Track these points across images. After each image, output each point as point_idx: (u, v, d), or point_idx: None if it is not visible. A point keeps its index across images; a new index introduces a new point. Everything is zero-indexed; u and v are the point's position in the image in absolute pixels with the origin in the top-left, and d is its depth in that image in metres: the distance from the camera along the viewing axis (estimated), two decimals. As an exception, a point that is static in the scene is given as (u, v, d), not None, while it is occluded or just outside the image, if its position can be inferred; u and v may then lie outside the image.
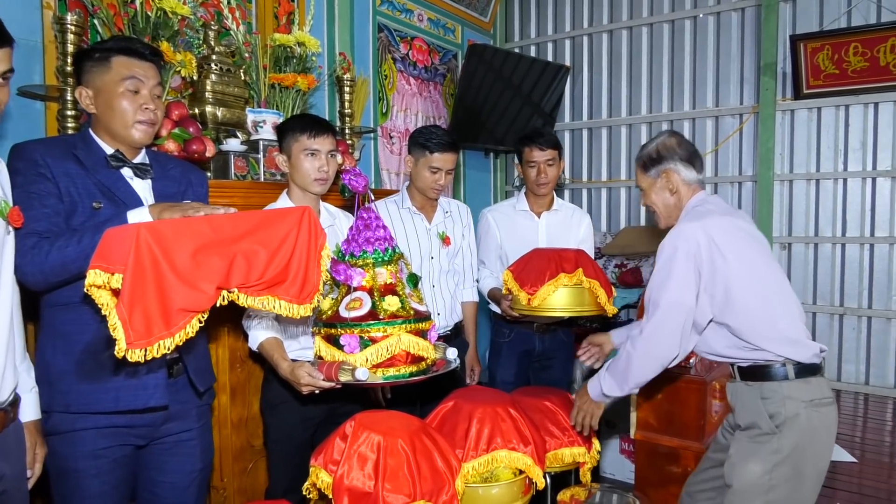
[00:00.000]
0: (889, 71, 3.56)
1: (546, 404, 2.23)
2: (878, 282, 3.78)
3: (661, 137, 2.02)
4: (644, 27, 4.53)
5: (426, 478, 1.61)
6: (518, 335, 2.81)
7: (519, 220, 2.87)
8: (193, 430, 1.79)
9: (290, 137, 2.06)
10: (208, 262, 1.38)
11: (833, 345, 3.92)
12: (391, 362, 1.77)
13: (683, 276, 1.78)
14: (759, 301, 1.80)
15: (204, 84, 2.41)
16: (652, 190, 2.01)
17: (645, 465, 2.57)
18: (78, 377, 1.58)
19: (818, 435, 1.78)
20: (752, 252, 1.84)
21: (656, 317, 1.81)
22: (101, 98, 1.62)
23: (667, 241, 1.85)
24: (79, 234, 1.49)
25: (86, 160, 1.61)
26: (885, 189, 3.75)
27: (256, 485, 2.36)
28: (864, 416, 3.38)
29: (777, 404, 1.77)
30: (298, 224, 1.54)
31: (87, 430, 1.59)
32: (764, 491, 1.75)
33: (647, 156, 2.01)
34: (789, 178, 3.99)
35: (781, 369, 1.79)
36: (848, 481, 2.50)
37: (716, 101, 4.28)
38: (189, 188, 1.82)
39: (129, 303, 1.27)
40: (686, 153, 1.96)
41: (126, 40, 1.69)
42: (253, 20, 3.03)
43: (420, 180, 2.51)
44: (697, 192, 1.97)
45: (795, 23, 3.92)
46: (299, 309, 1.53)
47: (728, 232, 1.81)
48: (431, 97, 4.38)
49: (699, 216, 1.84)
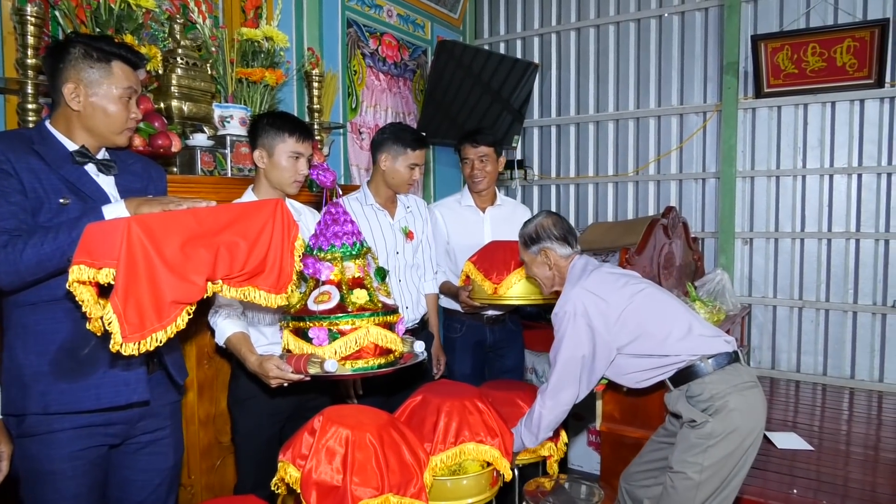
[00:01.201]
0: (845, 71, 3.67)
1: (514, 398, 2.27)
2: (836, 276, 3.90)
3: (539, 218, 2.24)
4: (611, 25, 4.58)
5: (394, 471, 1.63)
6: (469, 328, 2.87)
7: (465, 215, 2.95)
8: (167, 428, 1.78)
9: (274, 136, 2.05)
10: (196, 253, 1.39)
11: (792, 337, 4.03)
12: (359, 354, 1.79)
13: (574, 335, 2.03)
14: (651, 318, 2.05)
15: (169, 78, 2.38)
16: (533, 264, 2.24)
17: (610, 456, 2.62)
18: (55, 377, 1.54)
19: (746, 416, 1.95)
20: (625, 286, 2.09)
21: (555, 374, 2.07)
22: (94, 100, 1.60)
23: (557, 309, 2.10)
24: (53, 230, 1.46)
25: (47, 156, 1.57)
26: (841, 186, 3.86)
27: (224, 481, 2.35)
28: (822, 405, 3.48)
29: (706, 397, 1.96)
30: (273, 216, 1.59)
31: (65, 430, 1.57)
32: (699, 471, 1.92)
33: (527, 235, 2.23)
34: (751, 174, 4.09)
35: (701, 366, 1.99)
36: (806, 469, 2.57)
37: (680, 98, 4.36)
38: (150, 183, 1.80)
39: (123, 296, 1.27)
40: (560, 232, 2.19)
41: (125, 48, 1.67)
42: (220, 14, 2.99)
43: (396, 177, 2.53)
44: (573, 260, 2.20)
45: (756, 23, 4.00)
46: (276, 298, 1.58)
47: (600, 281, 2.09)
48: (401, 93, 4.37)
49: (575, 281, 2.11)
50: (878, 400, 3.54)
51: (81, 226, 1.40)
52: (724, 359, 2.01)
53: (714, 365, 1.98)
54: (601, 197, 4.70)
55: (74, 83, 1.58)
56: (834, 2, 3.76)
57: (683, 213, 4.09)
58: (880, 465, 2.64)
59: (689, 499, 1.93)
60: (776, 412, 3.29)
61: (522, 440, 2.11)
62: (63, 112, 1.62)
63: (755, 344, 4.14)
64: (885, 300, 3.76)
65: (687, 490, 1.93)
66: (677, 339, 2.02)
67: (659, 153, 4.41)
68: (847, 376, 3.88)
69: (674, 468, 1.97)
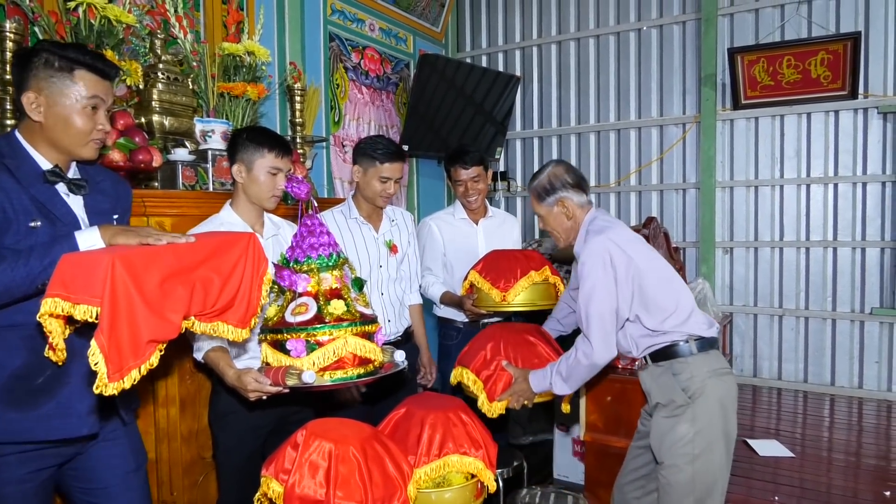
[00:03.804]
0: (820, 83, 3.74)
1: (528, 338, 2.36)
2: (814, 283, 3.96)
3: (549, 167, 2.18)
4: (591, 39, 4.65)
5: (378, 484, 1.62)
6: (465, 336, 2.88)
7: (459, 227, 3.00)
8: (119, 431, 1.72)
9: (254, 151, 2.05)
10: (174, 291, 1.39)
11: (773, 344, 4.08)
12: (339, 365, 1.78)
13: (605, 286, 1.97)
14: (663, 291, 2.01)
15: (150, 93, 2.37)
16: (550, 217, 2.17)
17: (594, 466, 2.63)
18: (6, 404, 1.49)
19: (723, 402, 1.98)
20: (646, 251, 2.06)
21: (596, 328, 1.99)
22: (55, 110, 1.52)
23: (583, 258, 2.02)
24: (24, 256, 1.40)
25: (18, 171, 1.50)
26: (818, 195, 3.93)
27: (207, 497, 2.32)
28: (804, 412, 3.52)
29: (687, 377, 1.97)
30: (245, 251, 1.60)
31: (14, 454, 1.52)
32: (690, 461, 1.93)
33: (540, 187, 2.16)
34: (730, 184, 4.15)
35: (685, 346, 2.00)
36: (789, 476, 2.59)
37: (660, 110, 4.42)
38: (118, 201, 1.75)
39: (108, 336, 1.25)
40: (574, 179, 2.13)
41: (91, 55, 1.57)
42: (201, 29, 3.00)
43: (369, 190, 2.53)
44: (589, 211, 2.15)
45: (733, 36, 4.08)
46: (241, 332, 1.59)
47: (626, 238, 2.03)
48: (384, 106, 4.39)
49: (600, 230, 2.03)
50: (858, 406, 3.59)
51: (54, 253, 1.36)
52: (708, 343, 2.02)
53: (697, 347, 1.99)
54: (584, 208, 4.73)
55: (35, 92, 1.51)
56: (808, 15, 3.84)
57: (665, 223, 4.15)
58: (861, 470, 2.67)
59: (687, 492, 1.94)
60: (759, 420, 3.32)
61: (551, 386, 2.10)
62: (28, 124, 1.55)
63: (737, 352, 4.18)
64: (863, 307, 3.82)
65: (683, 485, 1.94)
66: (679, 314, 2.00)
67: (640, 164, 4.46)
68: (827, 383, 3.93)
69: (665, 462, 1.97)
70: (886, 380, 3.78)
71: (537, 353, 2.30)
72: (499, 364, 2.26)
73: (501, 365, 2.25)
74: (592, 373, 2.07)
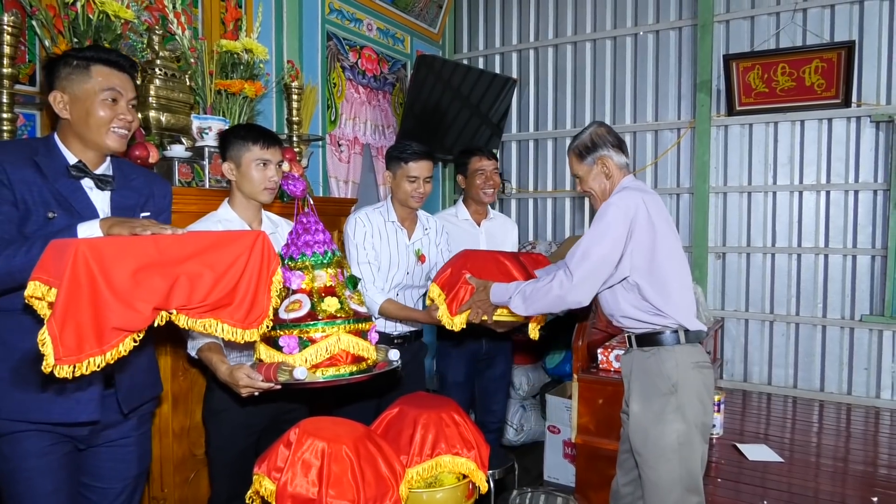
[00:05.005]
0: (814, 90, 3.77)
1: (498, 258, 2.39)
2: (806, 290, 3.99)
3: (592, 127, 2.17)
4: (588, 42, 4.66)
5: (370, 483, 1.63)
6: (467, 338, 2.89)
7: (464, 228, 3.04)
8: (132, 437, 1.78)
9: (240, 147, 2.05)
10: (148, 281, 1.38)
11: (764, 350, 4.11)
12: (332, 362, 1.79)
13: (618, 235, 1.96)
14: (672, 271, 2.02)
15: (148, 89, 2.37)
16: (589, 176, 2.15)
17: (585, 468, 2.64)
18: (13, 385, 1.56)
19: (702, 393, 2.01)
20: (670, 228, 2.06)
21: (585, 268, 1.97)
22: (78, 105, 1.62)
23: (612, 201, 2.01)
24: (28, 243, 1.48)
25: (46, 168, 1.60)
26: (811, 202, 3.96)
27: (199, 494, 2.32)
28: (793, 418, 3.53)
29: (672, 366, 2.00)
30: (250, 248, 1.57)
31: (26, 430, 1.58)
32: (676, 451, 1.95)
33: (581, 145, 2.15)
34: (723, 190, 4.17)
35: (673, 335, 2.02)
36: (777, 481, 2.60)
37: (655, 115, 4.44)
38: (150, 199, 1.81)
39: (60, 318, 1.26)
40: (615, 140, 2.13)
41: (105, 51, 1.69)
42: (199, 25, 2.99)
43: (400, 192, 2.56)
44: (627, 175, 2.15)
45: (729, 43, 4.10)
46: (244, 333, 1.56)
47: (659, 207, 2.03)
48: (380, 106, 4.40)
49: (639, 189, 2.04)
50: (847, 412, 3.61)
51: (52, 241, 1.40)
52: (695, 336, 2.04)
53: (686, 338, 2.02)
54: (578, 211, 4.76)
55: (60, 91, 1.62)
56: (803, 24, 3.87)
57: (658, 228, 4.15)
58: (849, 476, 2.69)
59: (674, 484, 1.95)
60: (748, 424, 3.34)
61: (509, 301, 2.11)
62: (61, 123, 1.66)
63: (728, 357, 4.20)
64: (853, 314, 3.85)
65: (670, 476, 1.95)
66: (677, 301, 2.02)
67: (634, 168, 4.48)
68: (817, 389, 3.95)
69: (650, 455, 1.98)
70: (875, 386, 3.81)
71: (505, 271, 2.30)
72: (463, 277, 2.26)
73: (465, 278, 2.25)
74: (557, 306, 2.06)
